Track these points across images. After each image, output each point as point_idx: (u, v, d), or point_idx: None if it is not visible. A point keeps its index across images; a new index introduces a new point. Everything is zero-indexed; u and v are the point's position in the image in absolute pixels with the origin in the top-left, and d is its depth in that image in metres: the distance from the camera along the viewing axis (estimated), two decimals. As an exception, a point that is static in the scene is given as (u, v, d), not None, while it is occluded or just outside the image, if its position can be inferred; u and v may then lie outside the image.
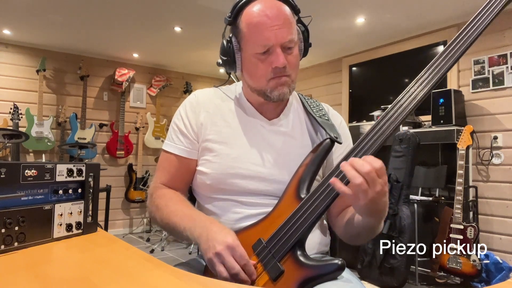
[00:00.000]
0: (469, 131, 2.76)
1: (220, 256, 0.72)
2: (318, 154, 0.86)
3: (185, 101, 0.99)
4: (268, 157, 0.91)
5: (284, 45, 0.84)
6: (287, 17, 0.86)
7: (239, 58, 0.90)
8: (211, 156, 0.92)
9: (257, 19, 0.84)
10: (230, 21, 0.90)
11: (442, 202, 2.99)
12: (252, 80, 0.91)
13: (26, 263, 0.64)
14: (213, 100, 0.98)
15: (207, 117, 0.95)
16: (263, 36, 0.83)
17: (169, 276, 0.59)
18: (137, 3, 3.08)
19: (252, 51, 0.86)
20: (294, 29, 0.87)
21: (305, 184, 0.82)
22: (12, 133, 2.83)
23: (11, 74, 4.05)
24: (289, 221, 0.76)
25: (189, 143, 0.94)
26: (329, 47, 4.12)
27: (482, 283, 2.59)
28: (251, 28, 0.85)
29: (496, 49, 3.03)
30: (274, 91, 0.87)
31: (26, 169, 0.73)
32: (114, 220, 4.63)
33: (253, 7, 0.86)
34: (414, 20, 3.31)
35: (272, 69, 0.85)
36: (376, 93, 3.94)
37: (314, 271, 0.71)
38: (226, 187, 0.90)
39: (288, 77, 0.87)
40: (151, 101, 4.98)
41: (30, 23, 3.56)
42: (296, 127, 0.97)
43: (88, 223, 0.85)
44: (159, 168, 0.98)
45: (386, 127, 0.74)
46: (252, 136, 0.93)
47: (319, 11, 3.14)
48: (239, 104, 0.98)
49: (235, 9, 0.89)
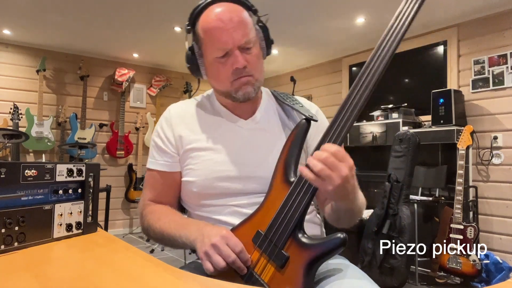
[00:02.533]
0: (469, 131, 2.76)
1: (215, 247, 0.74)
2: (297, 136, 0.86)
3: (161, 117, 1.01)
4: (251, 156, 0.93)
5: (242, 46, 0.86)
6: (242, 18, 0.87)
7: (202, 64, 0.93)
8: (193, 164, 0.93)
9: (213, 24, 0.86)
10: (189, 29, 0.93)
11: (442, 202, 2.99)
12: (217, 84, 0.94)
13: (26, 263, 0.64)
14: (188, 111, 1.00)
15: (184, 128, 0.97)
16: (220, 40, 0.86)
17: (169, 276, 0.59)
18: (137, 3, 3.08)
19: (212, 56, 0.88)
20: (251, 29, 0.89)
21: (291, 168, 0.82)
22: (12, 133, 2.83)
23: (11, 74, 4.05)
24: (284, 206, 0.77)
25: (170, 157, 0.96)
26: (329, 47, 4.12)
27: (482, 283, 2.59)
28: (208, 34, 0.88)
29: (496, 49, 3.03)
30: (238, 91, 0.89)
31: (26, 169, 0.73)
32: (114, 220, 4.64)
33: (208, 13, 0.88)
34: (414, 20, 3.30)
35: (233, 70, 0.87)
36: (376, 93, 3.92)
37: (319, 249, 0.71)
38: (213, 192, 0.91)
39: (251, 77, 0.89)
40: (151, 101, 4.98)
41: (30, 23, 3.56)
42: (272, 122, 0.99)
43: (88, 223, 0.85)
44: (146, 186, 1.01)
45: (351, 110, 0.75)
46: (231, 138, 0.95)
47: (319, 11, 3.14)
48: (214, 109, 1.00)
49: (192, 17, 0.91)
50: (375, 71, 0.78)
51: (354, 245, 2.88)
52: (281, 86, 5.07)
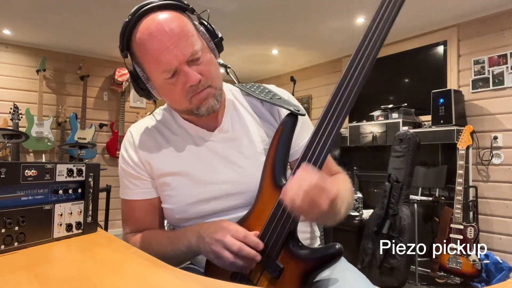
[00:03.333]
0: (469, 131, 2.76)
1: (219, 241, 0.71)
2: (283, 134, 0.79)
3: (123, 141, 0.93)
4: (226, 171, 0.85)
5: (189, 60, 0.75)
6: (181, 27, 0.75)
7: (151, 87, 0.82)
8: (169, 190, 0.87)
9: (148, 45, 0.75)
10: (124, 53, 0.81)
11: (442, 202, 2.99)
12: (174, 104, 0.84)
13: (26, 263, 0.64)
14: (150, 133, 0.91)
15: (150, 154, 0.88)
16: (162, 62, 0.75)
17: (169, 276, 0.59)
18: (137, 3, 3.07)
19: (160, 78, 0.78)
20: (193, 37, 0.77)
21: (281, 170, 0.77)
22: (12, 133, 2.83)
23: (11, 74, 4.04)
24: (275, 214, 0.73)
25: (144, 183, 0.89)
26: (329, 47, 4.12)
27: (482, 283, 2.59)
28: (147, 57, 0.77)
29: (496, 49, 3.03)
30: (200, 108, 0.80)
31: (26, 169, 0.73)
32: (114, 220, 4.62)
33: (140, 32, 0.76)
34: (414, 20, 3.31)
35: (187, 88, 0.77)
36: (376, 93, 3.94)
37: (314, 261, 0.69)
38: (195, 215, 0.86)
39: (209, 87, 0.79)
40: (151, 101, 4.97)
41: (30, 23, 3.56)
42: (241, 126, 0.90)
43: (88, 223, 0.85)
44: (124, 219, 0.93)
45: (332, 124, 0.68)
46: (202, 155, 0.87)
47: (319, 11, 3.14)
48: (178, 127, 0.91)
49: (123, 40, 0.79)
50: (355, 82, 0.68)
51: (354, 245, 2.88)
52: (281, 86, 5.03)
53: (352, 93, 0.68)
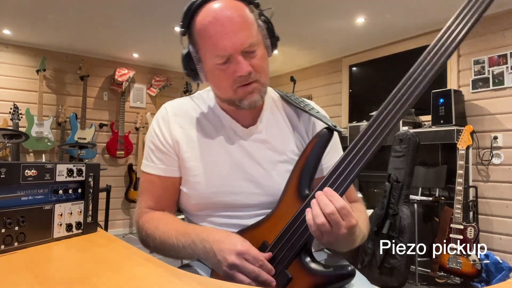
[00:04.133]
0: (469, 131, 2.76)
1: (235, 266, 0.69)
2: (317, 147, 0.79)
3: (156, 116, 0.92)
4: (251, 170, 0.86)
5: (244, 51, 0.76)
6: (244, 17, 0.77)
7: (201, 69, 0.83)
8: (191, 176, 0.87)
9: (210, 27, 0.76)
10: (184, 31, 0.82)
11: (442, 202, 2.99)
12: (218, 91, 0.85)
13: (26, 263, 0.64)
14: (186, 113, 0.91)
15: (181, 133, 0.88)
16: (219, 47, 0.75)
17: (169, 276, 0.58)
18: (137, 3, 3.08)
19: (211, 62, 0.79)
20: (253, 29, 0.78)
21: (306, 181, 0.77)
22: (12, 133, 2.83)
23: (11, 74, 4.05)
24: (293, 224, 0.72)
25: (170, 161, 0.89)
26: (329, 47, 4.12)
27: (482, 283, 2.59)
28: (205, 39, 0.77)
29: (496, 49, 3.03)
30: (243, 100, 0.80)
31: (26, 169, 0.73)
32: (114, 220, 4.63)
33: (204, 14, 0.77)
34: (414, 20, 3.31)
35: (236, 78, 0.78)
36: (376, 93, 3.94)
37: (324, 279, 0.68)
38: (211, 206, 0.87)
39: (257, 82, 0.80)
40: (151, 101, 4.98)
41: (30, 23, 3.56)
42: (276, 131, 0.90)
43: (88, 223, 0.85)
44: (142, 192, 0.92)
45: (373, 139, 0.69)
46: (231, 149, 0.87)
47: (319, 11, 3.14)
48: (214, 115, 0.91)
49: (186, 18, 0.80)
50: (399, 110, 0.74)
51: (354, 245, 2.88)
52: (281, 86, 5.05)
53: (392, 122, 0.72)
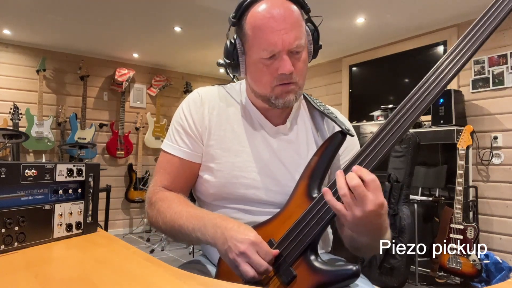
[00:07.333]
0: (469, 131, 2.76)
1: (245, 255, 0.68)
2: (329, 149, 0.80)
3: (188, 99, 0.93)
4: (275, 168, 0.87)
5: (291, 50, 0.78)
6: (296, 19, 0.79)
7: (243, 61, 0.84)
8: (214, 163, 0.88)
9: (263, 21, 0.78)
10: (234, 22, 0.84)
11: (442, 202, 2.99)
12: (256, 86, 0.85)
13: (26, 263, 0.64)
14: (218, 101, 0.92)
15: (212, 120, 0.89)
16: (268, 41, 0.77)
17: (169, 276, 0.58)
18: (137, 3, 3.08)
19: (257, 55, 0.80)
20: (302, 32, 0.81)
21: (316, 182, 0.78)
22: (12, 133, 2.83)
23: (11, 74, 4.05)
24: (300, 222, 0.73)
25: (195, 146, 0.89)
26: (329, 47, 4.12)
27: (482, 283, 2.59)
28: (256, 31, 0.79)
29: (496, 49, 3.03)
30: (279, 98, 0.82)
31: (26, 169, 0.73)
32: (114, 220, 4.63)
33: (259, 8, 0.79)
34: (414, 20, 3.31)
35: (278, 75, 0.79)
36: (376, 93, 3.94)
37: (328, 277, 0.68)
38: (229, 196, 0.87)
39: (295, 84, 0.82)
40: (151, 101, 4.98)
41: (30, 23, 3.56)
42: (302, 132, 0.92)
43: (88, 223, 0.85)
44: (159, 170, 0.91)
45: (396, 130, 0.71)
46: (257, 143, 0.89)
47: (319, 11, 3.13)
48: (244, 108, 0.92)
49: (240, 9, 0.82)
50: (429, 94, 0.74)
51: (354, 245, 2.88)
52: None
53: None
